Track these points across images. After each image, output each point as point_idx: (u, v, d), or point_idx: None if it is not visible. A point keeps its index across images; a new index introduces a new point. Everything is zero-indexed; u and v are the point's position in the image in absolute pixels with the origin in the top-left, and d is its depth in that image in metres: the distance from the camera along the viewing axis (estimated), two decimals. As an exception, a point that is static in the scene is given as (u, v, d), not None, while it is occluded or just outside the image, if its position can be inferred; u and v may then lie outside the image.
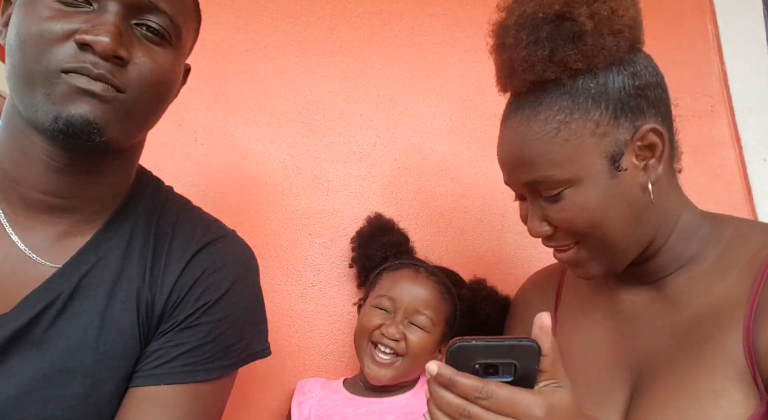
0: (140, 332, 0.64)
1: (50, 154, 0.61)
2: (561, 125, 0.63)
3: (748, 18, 1.31)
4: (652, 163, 0.65)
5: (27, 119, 0.60)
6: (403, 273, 1.00)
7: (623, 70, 0.64)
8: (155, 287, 0.66)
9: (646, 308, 0.71)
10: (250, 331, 0.71)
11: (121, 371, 0.63)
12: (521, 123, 0.66)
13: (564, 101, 0.63)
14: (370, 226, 1.13)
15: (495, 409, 0.51)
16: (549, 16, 0.62)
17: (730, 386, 0.58)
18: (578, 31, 0.61)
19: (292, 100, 1.25)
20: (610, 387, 0.69)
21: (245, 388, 1.09)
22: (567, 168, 0.63)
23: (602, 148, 0.63)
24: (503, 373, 0.53)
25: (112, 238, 0.67)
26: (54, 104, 0.57)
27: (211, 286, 0.67)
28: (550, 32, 0.62)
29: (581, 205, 0.64)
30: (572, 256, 0.69)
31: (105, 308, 0.63)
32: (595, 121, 0.63)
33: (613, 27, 0.62)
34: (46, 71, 0.56)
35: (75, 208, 0.65)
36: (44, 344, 0.60)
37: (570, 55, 0.61)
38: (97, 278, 0.64)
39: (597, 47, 0.61)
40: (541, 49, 0.62)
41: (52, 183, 0.63)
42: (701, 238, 0.69)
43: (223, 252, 0.71)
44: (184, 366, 0.64)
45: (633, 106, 0.64)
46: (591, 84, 0.63)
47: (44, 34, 0.56)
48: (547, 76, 0.63)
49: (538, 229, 0.69)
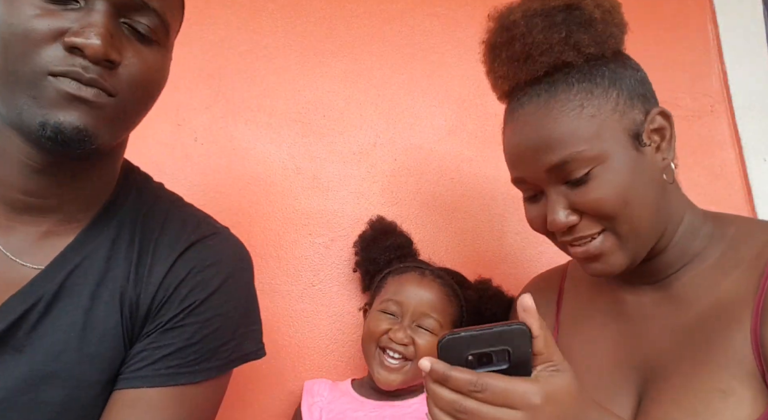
0: (124, 333, 0.62)
1: (29, 155, 0.59)
2: (584, 102, 0.64)
3: (748, 18, 1.31)
4: (663, 145, 0.67)
5: (9, 121, 0.57)
6: (409, 276, 0.99)
7: (626, 61, 0.68)
8: (140, 286, 0.63)
9: (650, 308, 0.71)
10: (242, 332, 0.69)
11: (106, 374, 0.61)
12: (540, 107, 0.66)
13: (582, 83, 0.65)
14: (372, 230, 1.12)
15: (491, 401, 0.50)
16: (560, 5, 0.65)
17: (738, 385, 0.58)
18: (589, 18, 0.64)
19: (292, 100, 1.25)
20: (617, 389, 0.68)
21: (244, 389, 1.09)
22: (595, 144, 0.63)
23: (624, 125, 0.65)
24: (498, 361, 0.52)
25: (97, 236, 0.65)
26: (41, 108, 0.54)
27: (199, 285, 0.65)
28: (564, 17, 0.65)
29: (611, 183, 0.63)
30: (597, 246, 0.66)
31: (89, 309, 0.61)
32: (615, 100, 0.65)
33: (615, 19, 0.66)
34: (32, 73, 0.54)
35: (57, 208, 0.63)
36: (26, 348, 0.58)
37: (584, 38, 0.64)
38: (81, 278, 0.62)
39: (606, 34, 0.65)
40: (558, 32, 0.64)
41: (31, 183, 0.61)
42: (704, 236, 0.69)
43: (214, 250, 0.68)
44: (168, 368, 0.62)
45: (640, 92, 0.67)
46: (605, 69, 0.66)
47: (30, 34, 0.53)
48: (565, 57, 0.65)
49: (564, 220, 0.65)
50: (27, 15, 0.54)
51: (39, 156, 0.59)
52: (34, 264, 0.61)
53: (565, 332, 0.80)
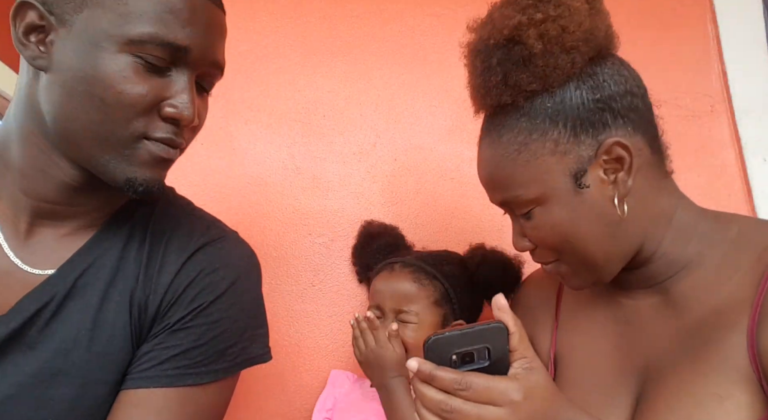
0: (132, 334, 0.63)
1: (74, 177, 0.62)
2: (521, 146, 0.64)
3: (748, 18, 1.30)
4: (621, 176, 0.63)
5: (79, 159, 0.60)
6: (380, 276, 1.01)
7: (582, 84, 0.63)
8: (149, 288, 0.65)
9: (648, 312, 0.70)
10: (249, 335, 0.69)
11: (114, 374, 0.62)
12: (489, 146, 0.68)
13: (523, 123, 0.64)
14: (360, 237, 1.14)
15: (475, 399, 0.53)
16: (500, 41, 0.63)
17: (735, 389, 0.58)
18: (527, 54, 0.62)
19: (292, 100, 1.25)
20: (615, 390, 0.68)
21: (244, 389, 1.09)
22: (531, 188, 0.64)
23: (564, 166, 0.63)
24: (479, 359, 0.55)
25: (110, 239, 0.66)
26: (130, 165, 0.60)
27: (207, 288, 0.65)
28: (500, 58, 0.63)
29: (551, 223, 0.65)
30: (555, 270, 0.70)
31: (99, 309, 0.62)
32: (554, 140, 0.63)
33: (565, 45, 0.61)
34: (130, 136, 0.58)
35: (80, 214, 0.66)
36: (38, 345, 0.59)
37: (522, 77, 0.62)
38: (93, 278, 0.63)
39: (549, 67, 0.61)
40: (494, 75, 0.63)
41: (64, 195, 0.63)
42: (700, 237, 0.67)
43: (222, 253, 0.69)
44: (175, 369, 0.62)
45: (594, 120, 0.63)
46: (548, 103, 0.63)
47: (133, 103, 0.57)
48: (504, 100, 0.64)
49: (520, 244, 0.71)
50: (126, 77, 0.56)
51: (83, 177, 0.62)
52: (49, 268, 0.63)
53: (565, 328, 0.80)
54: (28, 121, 0.61)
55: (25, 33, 0.58)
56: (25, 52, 0.58)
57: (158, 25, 0.56)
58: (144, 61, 0.57)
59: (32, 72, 0.60)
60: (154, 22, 0.56)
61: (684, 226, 0.68)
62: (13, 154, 0.63)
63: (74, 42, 0.57)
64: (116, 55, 0.56)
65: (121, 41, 0.56)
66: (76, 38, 0.57)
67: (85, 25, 0.56)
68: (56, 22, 0.57)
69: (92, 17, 0.56)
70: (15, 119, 0.63)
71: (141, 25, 0.56)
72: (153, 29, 0.56)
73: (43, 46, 0.58)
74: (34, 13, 0.57)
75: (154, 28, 0.56)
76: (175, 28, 0.57)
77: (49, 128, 0.60)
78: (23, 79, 0.62)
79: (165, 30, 0.57)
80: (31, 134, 0.61)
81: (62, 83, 0.57)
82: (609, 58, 0.66)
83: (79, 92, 0.57)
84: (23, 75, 0.62)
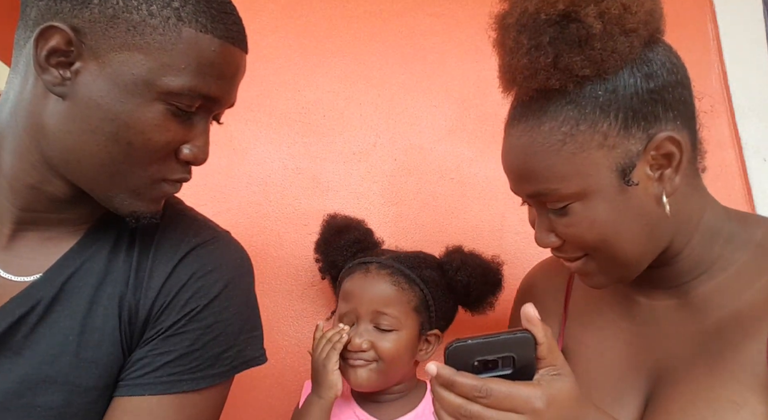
0: (122, 339, 0.62)
1: (66, 191, 0.62)
2: (566, 137, 0.58)
3: (748, 18, 1.30)
4: (668, 173, 0.60)
5: (80, 181, 0.60)
6: (354, 277, 0.94)
7: (636, 72, 0.58)
8: (140, 292, 0.63)
9: (665, 314, 0.68)
10: (243, 338, 0.68)
11: (103, 380, 0.60)
12: (524, 133, 0.61)
13: (569, 111, 0.58)
14: (324, 231, 1.06)
15: (495, 406, 0.51)
16: (552, 17, 0.55)
17: (752, 397, 0.56)
18: (585, 35, 0.55)
19: (292, 100, 1.25)
20: (623, 390, 0.67)
21: (244, 389, 1.09)
22: (573, 182, 0.59)
23: (611, 160, 0.58)
24: (503, 367, 0.53)
25: (97, 241, 0.64)
26: (140, 201, 0.61)
27: (200, 291, 0.64)
28: (553, 36, 0.56)
29: (590, 221, 0.60)
30: (580, 267, 0.66)
31: (87, 313, 0.60)
32: (603, 133, 0.58)
33: (626, 26, 0.55)
34: (148, 179, 0.60)
35: (67, 220, 0.64)
36: (24, 351, 0.58)
37: (576, 61, 0.55)
38: (81, 282, 0.61)
39: (607, 51, 0.55)
40: (544, 55, 0.56)
41: (53, 206, 0.63)
42: (726, 239, 0.65)
43: (215, 255, 0.67)
44: (170, 375, 0.61)
45: (647, 112, 0.58)
46: (599, 91, 0.57)
47: (160, 149, 0.58)
48: (551, 84, 0.57)
49: (546, 240, 0.65)
50: (154, 124, 0.57)
51: (75, 191, 0.62)
52: (34, 273, 0.62)
53: (573, 324, 0.77)
54: (27, 137, 0.59)
55: (47, 56, 0.55)
56: (44, 76, 0.55)
57: (197, 78, 0.57)
58: (175, 108, 0.57)
59: (41, 89, 0.57)
60: (195, 75, 0.57)
61: (711, 227, 0.65)
62: (3, 164, 0.61)
63: (107, 81, 0.55)
64: (151, 103, 0.56)
65: (159, 91, 0.56)
66: (110, 78, 0.55)
67: (122, 67, 0.55)
68: (87, 53, 0.55)
69: (132, 61, 0.55)
70: (9, 128, 0.60)
71: (182, 78, 0.56)
72: (193, 83, 0.57)
73: (65, 72, 0.55)
74: (61, 38, 0.54)
75: (193, 81, 0.57)
76: (210, 81, 0.58)
77: (53, 152, 0.58)
78: (24, 89, 0.59)
79: (202, 83, 0.57)
80: (28, 151, 0.59)
81: (85, 118, 0.56)
82: (660, 44, 0.62)
83: (105, 132, 0.56)
84: (24, 85, 0.59)
